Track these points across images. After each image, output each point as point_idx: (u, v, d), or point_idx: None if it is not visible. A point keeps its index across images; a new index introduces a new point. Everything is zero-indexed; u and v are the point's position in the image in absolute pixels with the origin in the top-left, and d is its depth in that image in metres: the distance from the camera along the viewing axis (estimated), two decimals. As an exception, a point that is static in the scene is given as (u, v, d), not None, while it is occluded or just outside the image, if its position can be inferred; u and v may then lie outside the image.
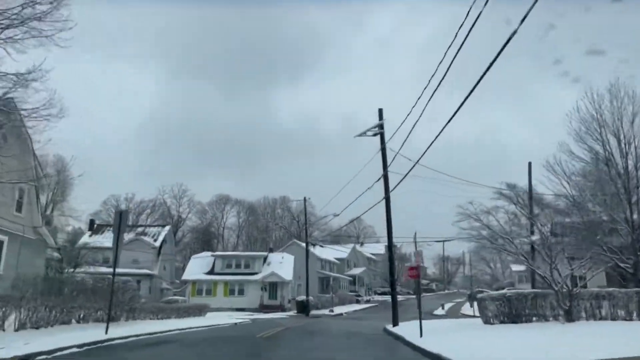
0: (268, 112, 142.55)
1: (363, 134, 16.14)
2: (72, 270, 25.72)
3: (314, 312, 43.40)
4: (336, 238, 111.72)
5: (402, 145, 14.45)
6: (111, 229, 53.25)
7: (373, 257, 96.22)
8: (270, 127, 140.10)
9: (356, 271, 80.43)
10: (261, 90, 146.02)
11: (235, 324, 26.51)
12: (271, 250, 54.36)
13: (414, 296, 77.55)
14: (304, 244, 77.78)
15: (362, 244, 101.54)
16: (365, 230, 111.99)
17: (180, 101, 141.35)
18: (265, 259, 50.89)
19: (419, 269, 16.48)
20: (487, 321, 17.39)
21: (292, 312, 43.30)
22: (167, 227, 59.03)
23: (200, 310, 31.24)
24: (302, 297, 42.29)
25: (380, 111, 15.95)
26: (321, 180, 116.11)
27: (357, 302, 61.34)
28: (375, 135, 16.19)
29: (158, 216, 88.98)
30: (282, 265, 49.35)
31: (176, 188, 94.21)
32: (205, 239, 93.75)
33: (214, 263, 49.90)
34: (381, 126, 15.89)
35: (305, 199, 44.50)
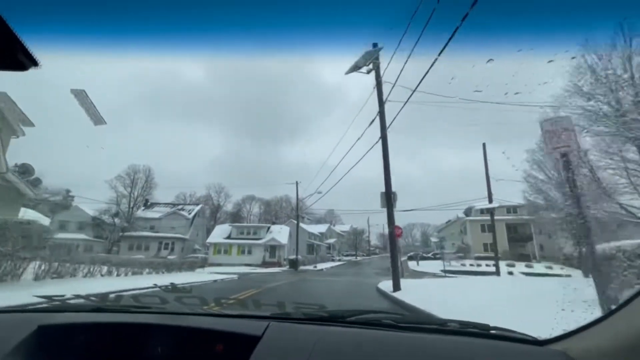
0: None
1: (354, 68, 8.89)
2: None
3: (302, 267, 35.70)
4: (320, 220, 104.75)
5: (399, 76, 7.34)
6: (158, 206, 45.91)
7: (342, 233, 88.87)
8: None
9: (331, 241, 72.72)
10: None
11: (215, 281, 16.11)
12: (273, 223, 46.37)
13: (369, 257, 70.90)
14: (293, 220, 70.83)
15: (334, 224, 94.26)
16: (336, 218, 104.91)
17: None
18: (268, 229, 42.93)
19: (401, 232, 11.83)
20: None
21: (286, 268, 35.53)
22: (200, 206, 50.54)
23: (193, 266, 22.33)
24: (294, 256, 34.49)
25: (375, 45, 8.57)
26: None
27: (332, 261, 53.63)
28: (369, 72, 9.08)
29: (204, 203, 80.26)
30: (280, 233, 41.46)
31: (218, 186, 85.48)
32: (236, 220, 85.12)
33: (230, 231, 41.80)
34: (376, 57, 8.66)
35: (297, 183, 36.85)
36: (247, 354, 1.05)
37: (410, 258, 46.77)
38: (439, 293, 8.88)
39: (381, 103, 8.88)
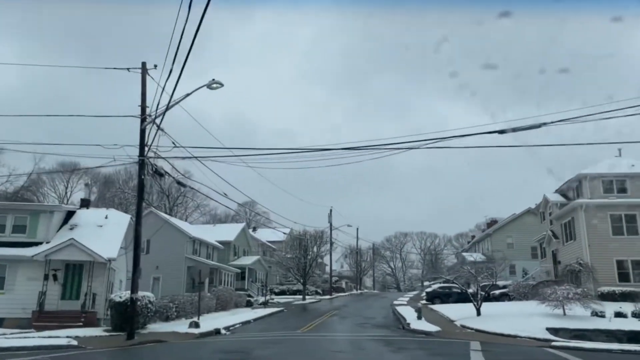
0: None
1: None
2: None
3: (154, 326, 20.90)
4: (225, 217, 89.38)
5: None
6: None
7: (270, 244, 74.70)
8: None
9: (246, 261, 58.26)
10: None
11: None
12: (84, 204, 29.62)
13: (326, 297, 57.81)
14: (164, 214, 54.66)
15: (254, 229, 79.93)
16: (258, 218, 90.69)
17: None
18: (66, 219, 26.65)
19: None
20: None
21: (103, 328, 20.39)
22: None
23: None
24: (125, 296, 19.31)
25: None
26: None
27: (249, 305, 39.25)
28: None
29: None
30: (103, 231, 25.70)
31: None
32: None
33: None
34: None
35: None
36: None
37: (433, 297, 34.86)
38: None
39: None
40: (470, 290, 33.26)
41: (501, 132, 12.54)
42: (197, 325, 20.29)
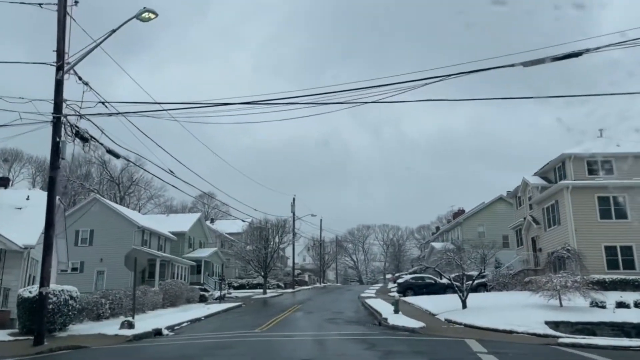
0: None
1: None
2: None
3: (79, 327, 17.06)
4: (180, 206, 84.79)
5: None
6: None
7: (229, 236, 70.52)
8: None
9: (202, 253, 54.14)
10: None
11: None
12: (2, 184, 24.88)
13: (289, 290, 54.30)
14: (109, 202, 49.82)
15: (212, 220, 75.61)
16: (217, 210, 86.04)
17: None
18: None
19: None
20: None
21: (10, 332, 16.38)
22: None
23: None
24: (36, 290, 15.34)
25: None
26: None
27: (203, 300, 35.42)
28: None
29: None
30: (22, 214, 21.46)
31: None
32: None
33: None
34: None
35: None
36: None
37: (405, 288, 32.13)
38: None
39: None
40: (444, 281, 30.64)
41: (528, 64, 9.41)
42: (130, 325, 16.48)
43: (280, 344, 13.92)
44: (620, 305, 19.57)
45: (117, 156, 17.23)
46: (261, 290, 47.62)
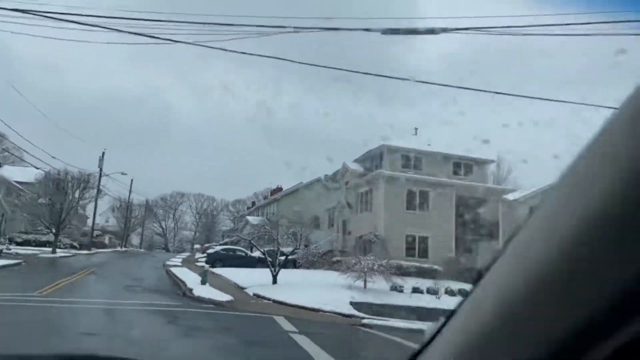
0: None
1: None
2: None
3: None
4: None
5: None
6: None
7: (18, 185, 61.21)
8: None
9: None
10: None
11: None
12: None
13: (84, 252, 49.26)
14: None
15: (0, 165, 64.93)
16: (7, 155, 74.27)
17: None
18: None
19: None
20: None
21: None
22: None
23: None
24: None
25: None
26: None
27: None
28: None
29: None
30: None
31: None
32: None
33: None
34: None
35: None
36: None
37: (214, 259, 31.08)
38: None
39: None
40: (256, 254, 30.29)
41: None
42: None
43: (60, 311, 11.61)
44: (416, 290, 21.07)
45: None
46: (50, 249, 42.16)
